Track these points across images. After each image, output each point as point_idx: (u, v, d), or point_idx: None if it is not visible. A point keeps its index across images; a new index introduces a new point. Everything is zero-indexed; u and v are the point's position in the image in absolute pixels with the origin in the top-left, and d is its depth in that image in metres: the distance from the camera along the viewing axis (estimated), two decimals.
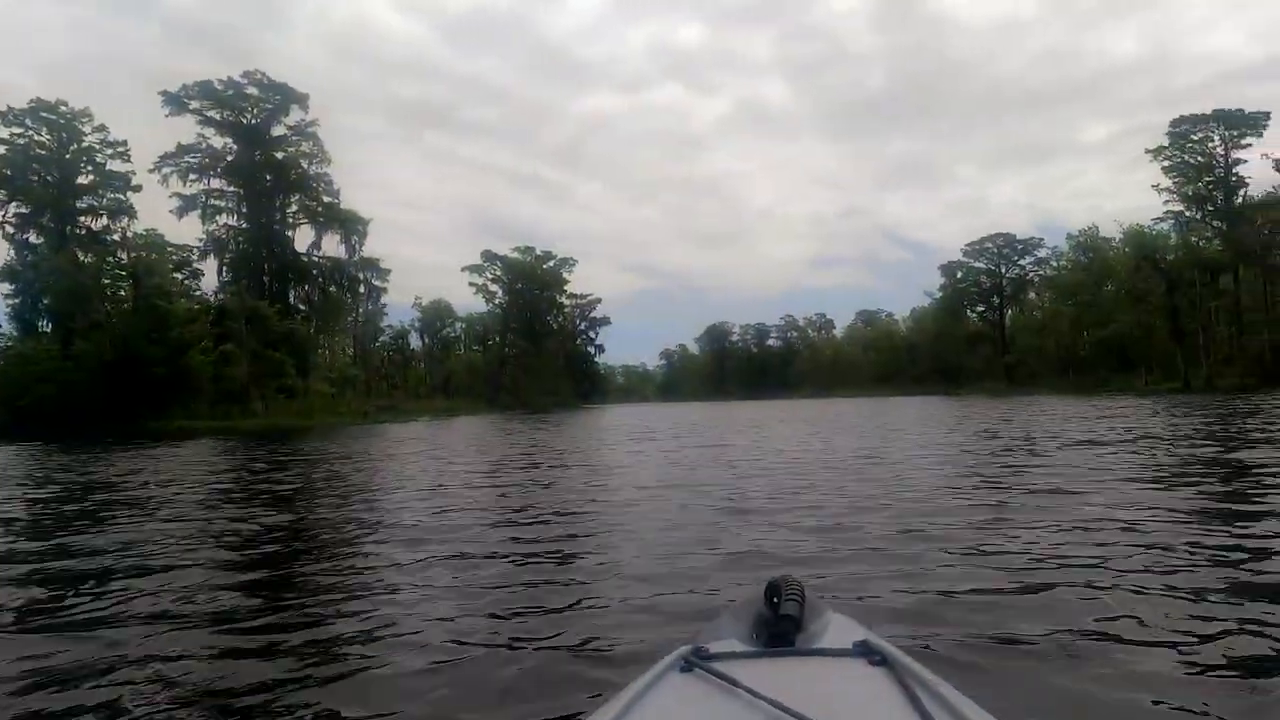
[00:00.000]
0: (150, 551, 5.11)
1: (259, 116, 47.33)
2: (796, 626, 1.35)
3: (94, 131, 41.28)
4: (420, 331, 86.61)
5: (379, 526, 5.93)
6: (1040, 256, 78.45)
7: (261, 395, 37.00)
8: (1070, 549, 4.16)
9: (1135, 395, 38.93)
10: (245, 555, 5.07)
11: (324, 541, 5.63)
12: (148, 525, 6.29)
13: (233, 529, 6.03)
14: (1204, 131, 51.96)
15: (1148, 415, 17.91)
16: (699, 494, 7.15)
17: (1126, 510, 5.26)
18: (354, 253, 49.87)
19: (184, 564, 4.66)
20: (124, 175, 41.76)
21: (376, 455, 14.60)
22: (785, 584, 1.43)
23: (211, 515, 6.85)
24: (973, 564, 3.96)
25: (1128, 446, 10.40)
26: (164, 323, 35.83)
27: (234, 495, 8.63)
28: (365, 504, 7.53)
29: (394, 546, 5.03)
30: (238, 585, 4.09)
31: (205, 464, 13.31)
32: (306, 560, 4.94)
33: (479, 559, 4.57)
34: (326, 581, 4.21)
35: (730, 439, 15.79)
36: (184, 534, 5.78)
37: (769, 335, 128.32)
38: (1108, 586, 3.36)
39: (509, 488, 8.41)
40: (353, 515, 6.70)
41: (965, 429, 15.67)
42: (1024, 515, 5.36)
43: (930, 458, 10.20)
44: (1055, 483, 6.84)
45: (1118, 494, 6.13)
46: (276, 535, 5.78)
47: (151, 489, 9.22)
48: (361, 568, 4.53)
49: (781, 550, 4.51)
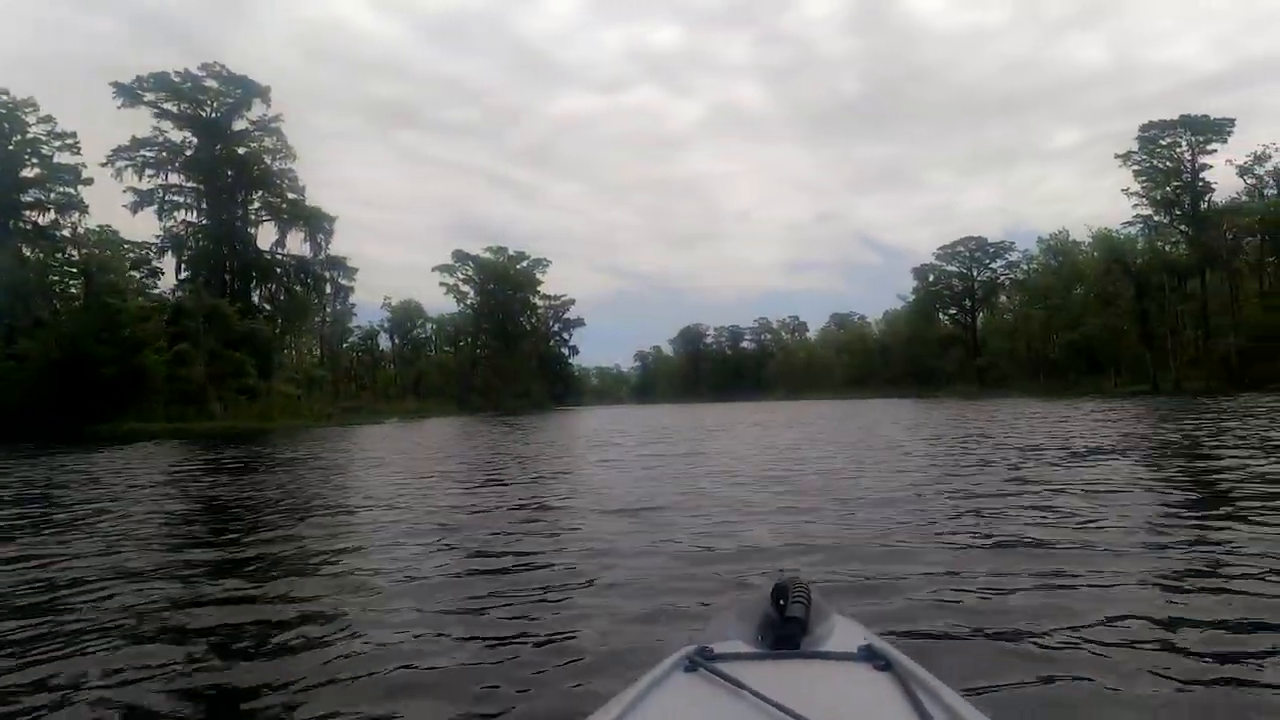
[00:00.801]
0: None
1: (219, 110, 45.83)
2: (802, 629, 1.33)
3: (40, 122, 39.53)
4: (390, 332, 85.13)
5: (300, 555, 5.16)
6: (1011, 260, 79.46)
7: (220, 396, 35.58)
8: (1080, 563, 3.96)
9: (1104, 397, 39.16)
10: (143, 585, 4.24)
11: (241, 567, 4.83)
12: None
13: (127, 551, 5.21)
14: (1172, 137, 52.64)
15: (1122, 421, 17.68)
16: (660, 529, 5.54)
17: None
18: (320, 251, 48.56)
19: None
20: (73, 168, 40.06)
21: (326, 463, 13.70)
22: (792, 585, 1.42)
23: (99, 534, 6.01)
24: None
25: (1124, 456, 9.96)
26: (115, 321, 34.29)
27: (141, 507, 7.76)
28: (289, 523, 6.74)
29: (324, 586, 4.23)
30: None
31: (136, 470, 12.33)
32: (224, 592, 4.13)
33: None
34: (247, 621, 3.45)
35: (702, 446, 15.14)
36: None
37: (743, 338, 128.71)
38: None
39: (442, 510, 7.42)
40: (277, 536, 5.92)
41: (948, 436, 15.18)
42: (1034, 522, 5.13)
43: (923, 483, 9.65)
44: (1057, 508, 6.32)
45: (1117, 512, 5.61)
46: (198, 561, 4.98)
47: (65, 496, 8.32)
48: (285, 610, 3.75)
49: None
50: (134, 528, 6.32)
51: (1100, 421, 16.82)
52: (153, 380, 33.35)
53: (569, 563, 4.45)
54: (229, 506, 7.81)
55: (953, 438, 13.62)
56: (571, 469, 10.84)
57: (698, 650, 1.26)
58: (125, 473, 11.90)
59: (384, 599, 3.77)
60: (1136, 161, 52.85)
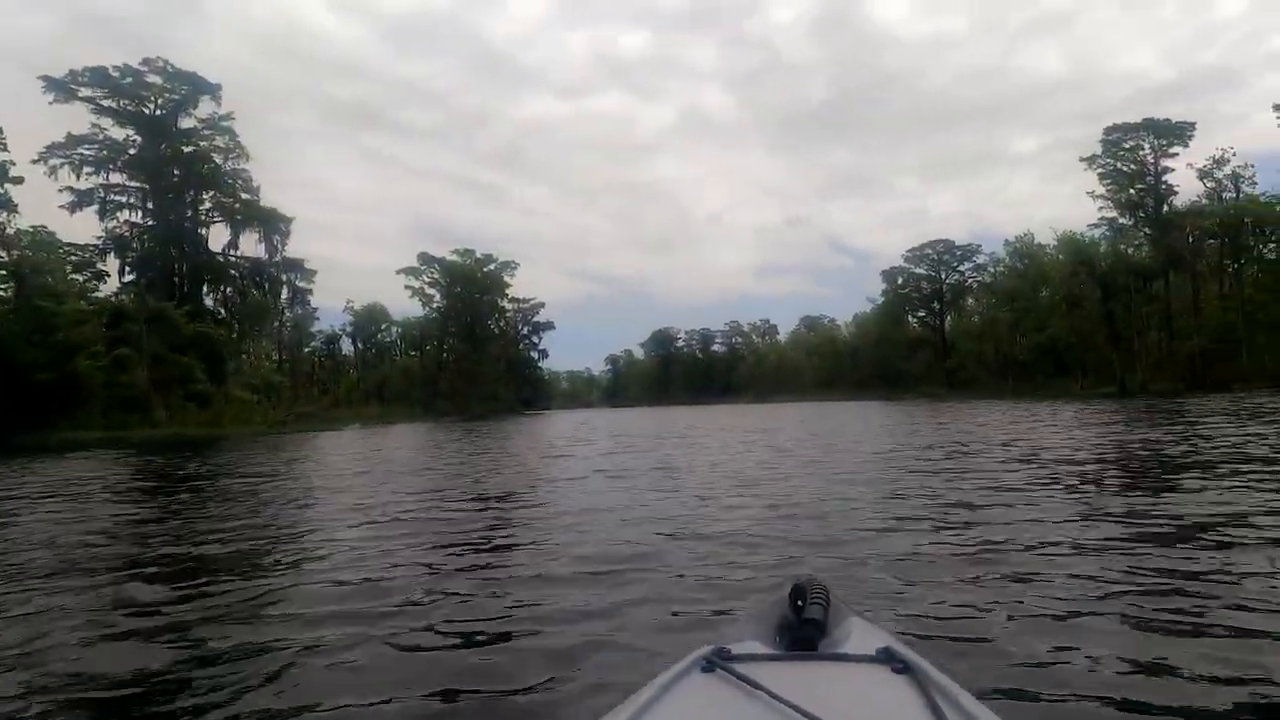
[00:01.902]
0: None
1: (164, 107, 43.70)
2: (820, 631, 1.33)
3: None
4: (353, 336, 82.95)
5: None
6: (979, 263, 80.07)
7: (166, 403, 33.73)
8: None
9: (1071, 399, 39.11)
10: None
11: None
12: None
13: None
14: (1135, 140, 52.98)
15: (1079, 423, 17.17)
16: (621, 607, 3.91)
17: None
18: (275, 253, 46.68)
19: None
20: (0, 166, 37.79)
21: (264, 472, 12.47)
22: (810, 587, 1.41)
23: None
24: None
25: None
26: (49, 325, 32.30)
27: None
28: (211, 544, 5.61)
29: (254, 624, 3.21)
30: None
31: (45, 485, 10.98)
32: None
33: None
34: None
35: (670, 451, 14.19)
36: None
37: (714, 340, 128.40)
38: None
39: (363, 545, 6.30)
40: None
41: (930, 442, 14.46)
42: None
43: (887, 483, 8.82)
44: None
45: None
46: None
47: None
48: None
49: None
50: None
51: (1073, 425, 16.25)
52: (89, 387, 31.41)
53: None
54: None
55: (934, 444, 12.87)
56: (522, 494, 9.64)
57: (715, 651, 1.25)
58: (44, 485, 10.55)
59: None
60: (1101, 164, 53.33)
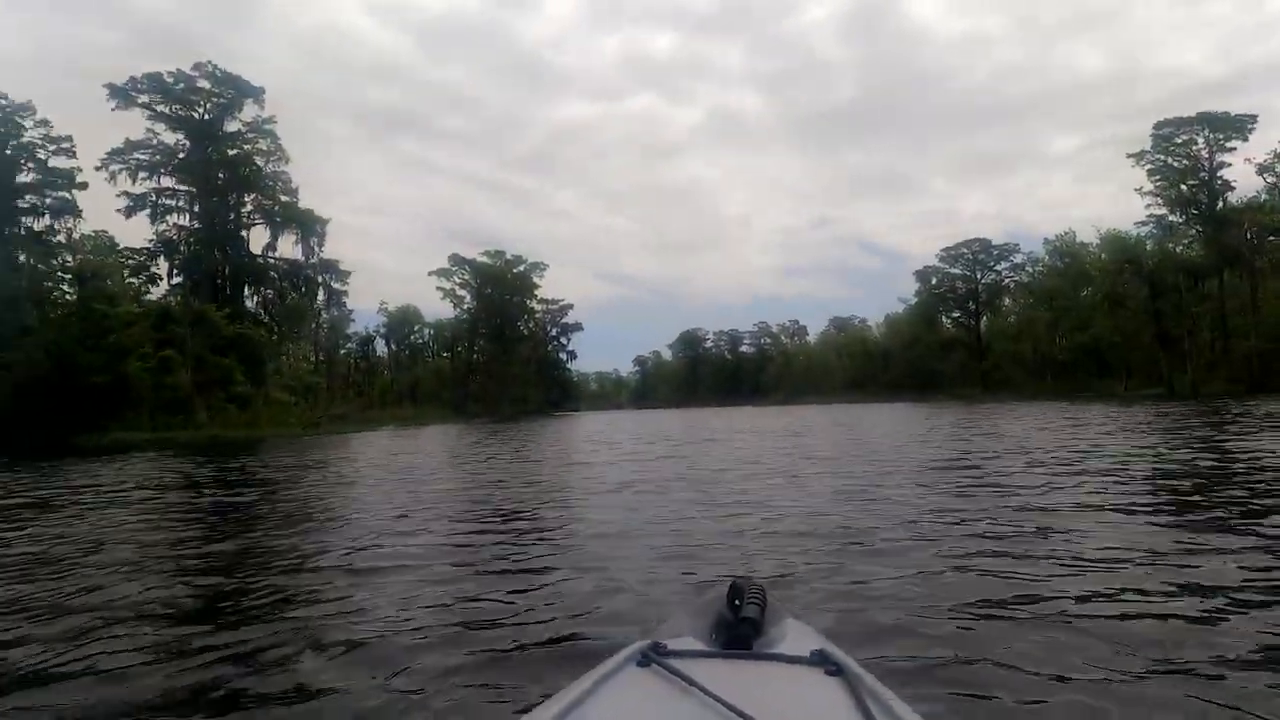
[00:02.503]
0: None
1: (211, 111, 44.71)
2: (756, 630, 1.34)
3: (36, 126, 38.51)
4: (386, 338, 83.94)
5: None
6: (1016, 262, 78.51)
7: (208, 405, 34.34)
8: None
9: (1118, 400, 38.01)
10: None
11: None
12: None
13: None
14: (1188, 134, 51.28)
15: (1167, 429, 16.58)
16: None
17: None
18: (312, 254, 47.35)
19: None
20: (68, 172, 38.96)
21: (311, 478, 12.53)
22: (748, 587, 1.42)
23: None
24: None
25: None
26: (102, 328, 33.12)
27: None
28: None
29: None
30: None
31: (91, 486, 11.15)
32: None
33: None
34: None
35: (709, 462, 13.75)
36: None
37: (742, 341, 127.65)
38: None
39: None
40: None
41: (978, 450, 14.07)
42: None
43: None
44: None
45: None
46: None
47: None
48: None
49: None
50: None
51: (1173, 431, 15.70)
52: (138, 388, 32.11)
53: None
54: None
55: (1006, 451, 12.49)
56: (548, 522, 7.56)
57: (651, 645, 1.25)
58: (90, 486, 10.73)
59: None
60: (1150, 160, 51.53)
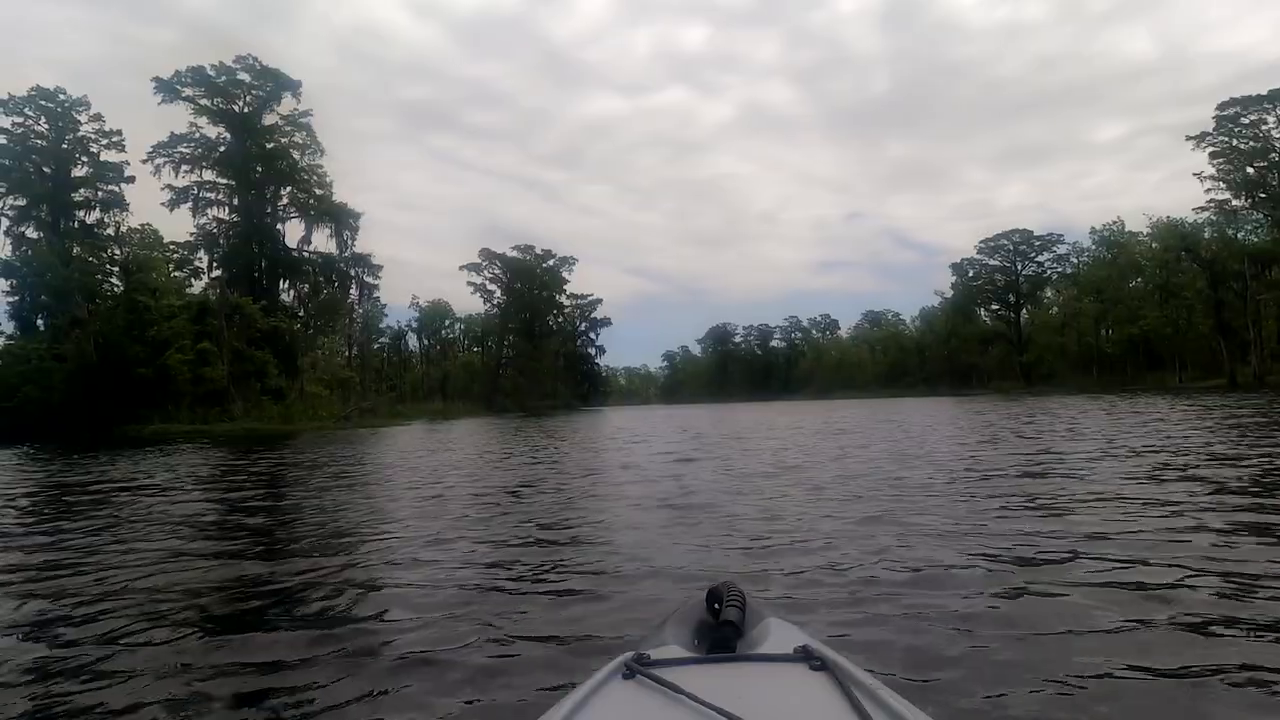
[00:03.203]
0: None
1: (251, 104, 44.89)
2: (738, 632, 1.34)
3: (89, 121, 39.43)
4: (419, 332, 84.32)
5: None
6: (1059, 253, 76.10)
7: (244, 397, 34.39)
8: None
9: (1174, 393, 36.27)
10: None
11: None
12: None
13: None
14: (1257, 113, 48.39)
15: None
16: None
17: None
18: (345, 248, 47.32)
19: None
20: (118, 166, 39.84)
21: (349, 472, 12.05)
22: (726, 590, 1.42)
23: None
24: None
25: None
26: (144, 321, 33.40)
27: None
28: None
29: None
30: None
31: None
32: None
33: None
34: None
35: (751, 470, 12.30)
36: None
37: (773, 336, 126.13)
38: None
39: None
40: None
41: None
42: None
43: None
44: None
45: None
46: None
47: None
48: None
49: None
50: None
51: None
52: (177, 380, 32.26)
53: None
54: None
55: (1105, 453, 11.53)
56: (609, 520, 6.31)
57: (635, 657, 1.24)
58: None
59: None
60: (1212, 142, 48.94)
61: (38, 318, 36.37)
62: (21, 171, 37.36)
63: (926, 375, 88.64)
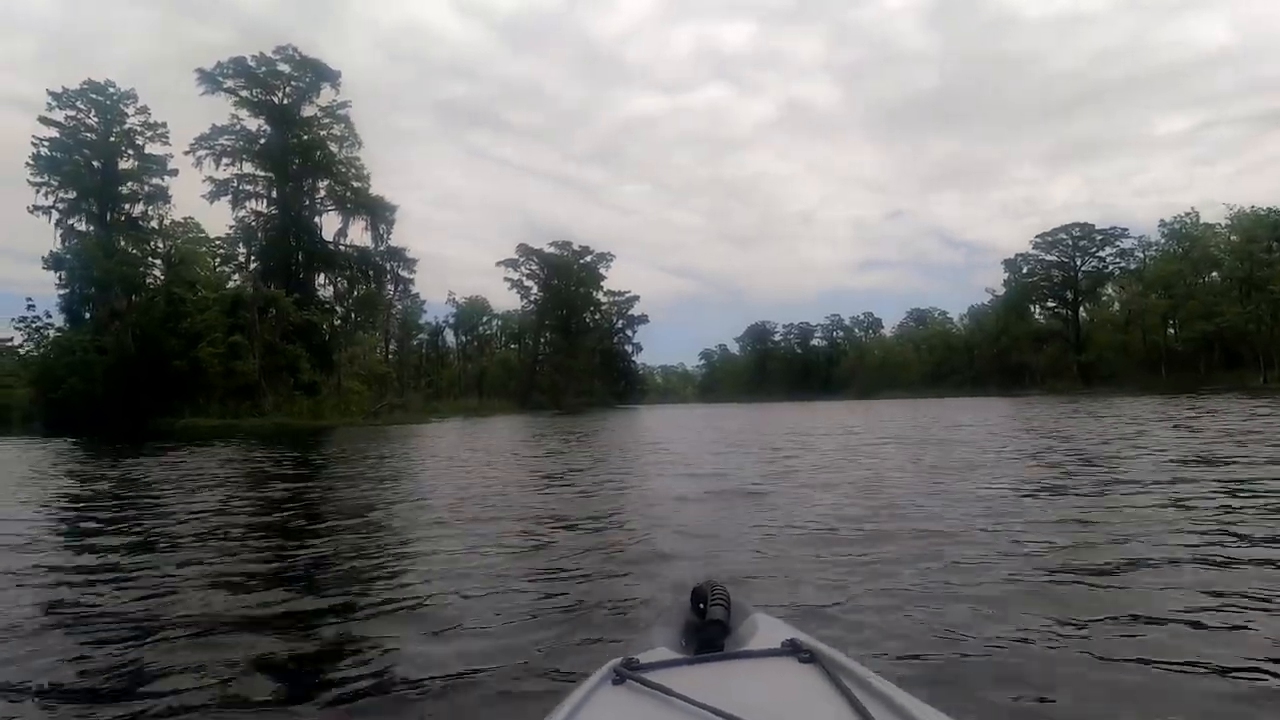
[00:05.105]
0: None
1: (290, 95, 44.56)
2: (724, 630, 1.34)
3: (136, 113, 39.48)
4: (456, 329, 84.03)
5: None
6: (1124, 247, 72.06)
7: (276, 392, 33.80)
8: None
9: (1264, 394, 33.21)
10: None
11: None
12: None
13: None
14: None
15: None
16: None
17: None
18: (381, 241, 46.73)
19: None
20: (162, 159, 39.80)
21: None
22: (710, 589, 1.42)
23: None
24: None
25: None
26: (179, 313, 33.14)
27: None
28: None
29: None
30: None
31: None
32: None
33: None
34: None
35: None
36: None
37: (813, 335, 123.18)
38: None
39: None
40: None
41: None
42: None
43: None
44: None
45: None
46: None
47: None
48: None
49: None
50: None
51: None
52: (209, 374, 31.82)
53: None
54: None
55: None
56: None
57: (623, 662, 1.23)
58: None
59: None
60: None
61: (85, 310, 36.53)
62: (72, 165, 37.51)
63: (974, 374, 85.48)
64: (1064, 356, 72.72)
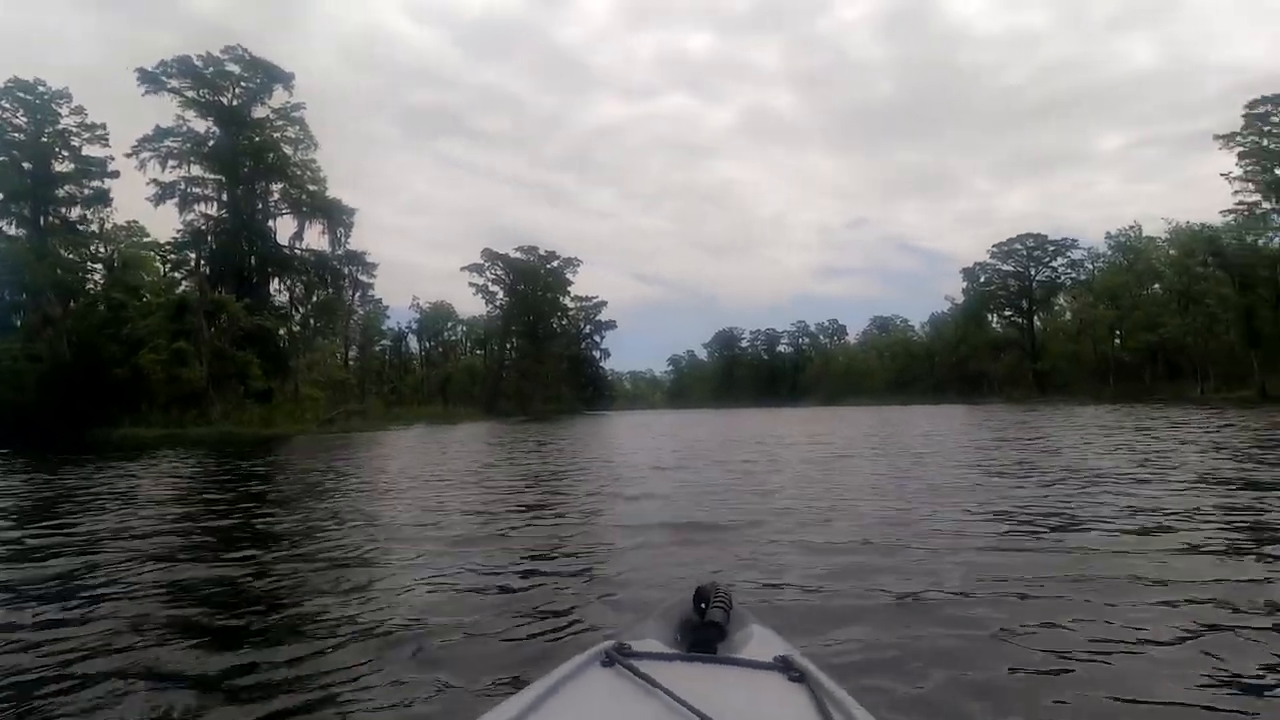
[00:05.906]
0: None
1: (240, 97, 43.64)
2: (720, 634, 1.34)
3: (71, 114, 37.96)
4: (419, 334, 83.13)
5: None
6: (1074, 258, 74.16)
7: (225, 399, 33.12)
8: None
9: (1196, 404, 34.43)
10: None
11: None
12: None
13: None
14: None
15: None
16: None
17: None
18: (339, 245, 46.08)
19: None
20: (101, 161, 38.36)
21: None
22: (714, 590, 1.42)
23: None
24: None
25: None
26: (120, 319, 32.27)
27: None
28: None
29: None
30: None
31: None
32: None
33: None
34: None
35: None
36: None
37: (779, 341, 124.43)
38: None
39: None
40: None
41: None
42: None
43: None
44: None
45: None
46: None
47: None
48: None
49: None
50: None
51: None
52: (152, 382, 31.05)
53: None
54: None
55: None
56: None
57: (616, 646, 1.25)
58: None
59: None
60: (1241, 142, 46.62)
61: (15, 317, 35.16)
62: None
63: (935, 382, 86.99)
64: (1020, 365, 74.31)
